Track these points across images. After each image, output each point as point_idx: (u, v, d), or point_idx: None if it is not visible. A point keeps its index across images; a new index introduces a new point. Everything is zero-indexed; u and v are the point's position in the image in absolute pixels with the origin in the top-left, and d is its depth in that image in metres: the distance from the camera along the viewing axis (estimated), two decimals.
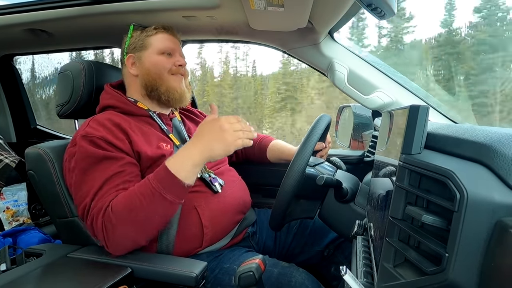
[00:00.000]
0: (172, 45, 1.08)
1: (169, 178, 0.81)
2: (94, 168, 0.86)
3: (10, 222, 1.52)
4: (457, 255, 0.35)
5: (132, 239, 0.84)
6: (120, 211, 0.80)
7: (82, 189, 0.86)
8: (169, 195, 0.81)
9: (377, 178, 0.70)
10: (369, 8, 0.82)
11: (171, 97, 1.05)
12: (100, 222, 0.81)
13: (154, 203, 0.80)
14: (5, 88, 1.86)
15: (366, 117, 1.40)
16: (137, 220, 0.80)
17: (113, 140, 0.89)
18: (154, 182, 0.81)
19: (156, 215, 0.82)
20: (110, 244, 0.82)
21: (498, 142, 0.38)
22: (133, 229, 0.81)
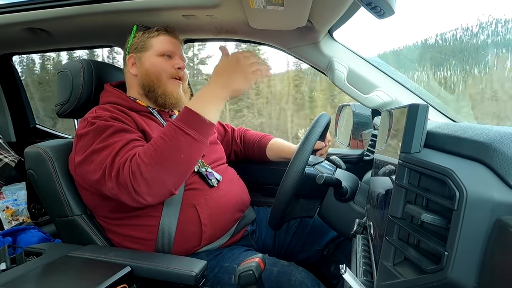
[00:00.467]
0: (173, 47, 1.08)
1: (188, 113, 0.84)
2: (113, 136, 0.87)
3: (9, 221, 1.52)
4: (456, 253, 0.35)
5: (160, 181, 0.81)
6: (145, 154, 0.81)
7: (102, 153, 0.85)
8: (190, 130, 0.82)
9: (376, 177, 0.70)
10: (368, 7, 0.82)
11: (167, 101, 1.05)
12: (127, 168, 0.80)
13: (177, 140, 0.82)
14: (4, 88, 1.86)
15: (366, 116, 1.40)
16: (163, 159, 0.80)
17: (123, 119, 0.93)
18: (175, 121, 0.84)
19: (181, 152, 0.82)
20: (139, 189, 0.80)
21: (498, 141, 0.38)
22: (160, 168, 0.80)
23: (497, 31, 4.32)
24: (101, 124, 0.89)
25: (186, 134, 0.82)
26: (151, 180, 0.80)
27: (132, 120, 0.96)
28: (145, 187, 0.80)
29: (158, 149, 0.81)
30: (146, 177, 0.80)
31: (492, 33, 4.70)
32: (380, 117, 1.07)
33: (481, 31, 5.09)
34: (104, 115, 0.92)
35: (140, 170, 0.79)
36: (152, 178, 0.80)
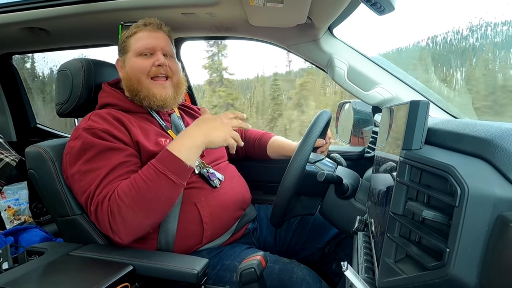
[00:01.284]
0: (151, 42, 1.01)
1: (170, 158, 0.84)
2: (99, 158, 0.86)
3: (11, 221, 1.52)
4: (458, 250, 0.35)
5: (137, 223, 0.83)
6: (125, 194, 0.80)
7: (86, 178, 0.86)
8: (173, 175, 0.82)
9: (377, 174, 0.70)
10: (368, 3, 0.81)
11: (152, 104, 1.01)
12: (106, 207, 0.81)
13: (158, 184, 0.82)
14: (4, 87, 1.86)
15: (366, 113, 1.40)
16: (143, 203, 0.81)
17: (115, 132, 0.91)
18: (158, 164, 0.83)
19: (161, 196, 0.82)
20: (116, 229, 0.82)
21: (499, 137, 0.38)
22: (139, 211, 0.81)
23: (486, 34, 4.41)
24: (88, 141, 0.87)
25: (169, 179, 0.82)
26: (130, 222, 0.82)
27: (125, 130, 0.93)
28: (123, 228, 0.82)
29: (139, 192, 0.81)
30: (126, 219, 0.81)
31: (481, 36, 4.78)
32: (380, 114, 1.06)
33: (470, 34, 5.18)
34: (95, 127, 0.90)
35: (119, 211, 0.80)
36: (132, 220, 0.82)
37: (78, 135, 0.90)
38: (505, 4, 10.22)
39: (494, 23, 9.61)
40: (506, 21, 9.22)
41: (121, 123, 0.94)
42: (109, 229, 0.83)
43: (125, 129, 0.94)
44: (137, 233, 0.85)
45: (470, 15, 9.30)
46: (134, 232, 0.84)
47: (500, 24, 9.95)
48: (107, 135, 0.89)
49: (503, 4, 10.95)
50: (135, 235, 0.85)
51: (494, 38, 10.40)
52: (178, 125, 1.10)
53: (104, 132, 0.89)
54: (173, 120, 1.10)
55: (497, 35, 10.42)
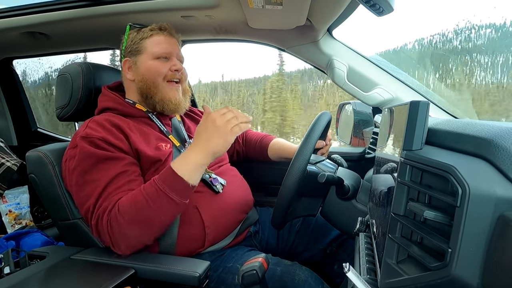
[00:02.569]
0: (169, 48, 1.04)
1: (174, 178, 0.83)
2: (97, 169, 0.86)
3: (12, 225, 1.52)
4: (460, 250, 0.35)
5: (138, 239, 0.84)
6: (126, 211, 0.81)
7: (85, 190, 0.86)
8: (175, 195, 0.82)
9: (378, 174, 0.70)
10: (367, 4, 0.82)
11: (165, 107, 1.03)
12: (106, 222, 0.81)
13: (160, 203, 0.81)
14: (5, 92, 1.86)
15: (367, 114, 1.40)
16: (143, 220, 0.81)
17: (113, 140, 0.90)
18: (160, 182, 0.82)
19: (162, 215, 0.83)
20: (116, 243, 0.83)
21: (499, 137, 0.38)
22: (139, 228, 0.82)
23: (470, 37, 4.50)
24: (85, 151, 0.87)
25: (170, 199, 0.82)
26: (130, 237, 0.83)
27: (124, 137, 0.92)
28: (124, 243, 0.83)
29: (140, 210, 0.81)
30: (126, 235, 0.82)
31: (465, 39, 4.88)
32: (381, 114, 1.06)
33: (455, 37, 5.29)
34: (92, 135, 0.89)
35: (119, 227, 0.81)
36: (131, 236, 0.83)
37: (75, 144, 0.90)
38: (491, 7, 10.46)
39: (479, 26, 9.74)
40: (491, 23, 9.37)
41: (120, 130, 0.93)
42: (109, 243, 0.84)
43: (124, 136, 0.93)
44: (138, 246, 0.86)
45: (458, 17, 9.47)
46: (134, 245, 0.85)
47: (484, 27, 10.11)
48: (105, 144, 0.89)
49: (489, 7, 11.17)
50: (135, 248, 0.86)
51: (477, 41, 10.57)
52: (179, 130, 1.10)
53: (101, 141, 0.89)
54: (173, 124, 1.10)
55: (480, 38, 10.57)
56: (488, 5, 13.67)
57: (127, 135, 0.93)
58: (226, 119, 0.86)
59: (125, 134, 0.93)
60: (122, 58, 1.07)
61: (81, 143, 0.89)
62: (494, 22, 9.99)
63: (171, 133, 1.06)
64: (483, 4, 18.49)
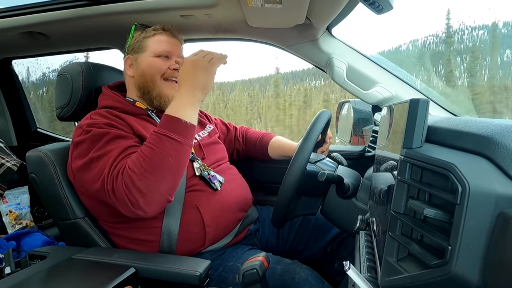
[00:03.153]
0: (170, 47, 1.06)
1: (170, 119, 0.86)
2: (110, 144, 0.87)
3: (13, 225, 1.52)
4: (460, 247, 0.35)
5: (154, 190, 0.82)
6: (135, 165, 0.81)
7: (99, 163, 0.86)
8: (175, 134, 0.84)
9: (378, 172, 0.70)
10: (366, 2, 0.82)
11: (162, 103, 1.04)
12: (120, 182, 0.81)
13: (163, 147, 0.82)
14: (4, 92, 1.86)
15: (366, 112, 1.40)
16: (153, 168, 0.81)
17: (118, 125, 0.92)
18: (158, 128, 0.85)
19: (169, 157, 0.83)
20: (136, 201, 0.80)
21: (499, 134, 0.38)
22: (151, 178, 0.81)
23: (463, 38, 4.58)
24: (97, 131, 0.89)
25: (171, 139, 0.83)
26: (145, 189, 0.81)
27: (127, 126, 0.95)
28: (141, 198, 0.81)
29: (146, 158, 0.81)
30: (140, 188, 0.80)
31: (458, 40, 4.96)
32: (380, 113, 1.06)
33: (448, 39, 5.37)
34: (99, 122, 0.91)
35: (132, 182, 0.80)
36: (146, 187, 0.81)
37: (84, 130, 0.91)
38: (486, 9, 10.69)
39: (472, 27, 9.89)
40: (484, 25, 9.50)
41: (121, 120, 0.96)
42: (129, 204, 0.81)
43: (126, 124, 0.95)
44: (157, 201, 0.83)
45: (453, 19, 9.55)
46: (153, 200, 0.82)
47: (477, 29, 10.26)
48: (111, 128, 0.91)
49: (484, 9, 11.38)
50: (155, 204, 0.83)
51: (469, 43, 10.68)
52: None
53: (108, 125, 0.91)
54: None
55: (471, 40, 10.69)
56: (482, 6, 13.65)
57: (129, 124, 0.96)
58: (201, 56, 0.91)
59: (127, 123, 0.96)
60: (124, 55, 1.09)
61: (89, 128, 0.90)
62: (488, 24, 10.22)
63: None
64: (477, 5, 18.40)
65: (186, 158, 0.87)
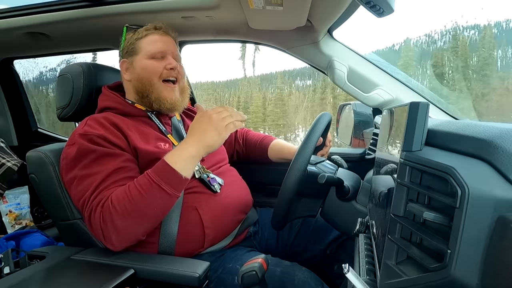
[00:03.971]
0: (163, 46, 1.04)
1: (167, 169, 0.83)
2: (96, 163, 0.86)
3: (12, 225, 1.52)
4: (459, 251, 0.35)
5: (130, 232, 0.83)
6: (118, 203, 0.80)
7: (82, 184, 0.86)
8: (167, 186, 0.82)
9: (378, 175, 0.70)
10: (367, 5, 0.82)
11: (162, 106, 1.03)
12: (99, 214, 0.81)
13: (152, 194, 0.81)
14: (5, 92, 1.87)
15: (367, 115, 1.40)
16: (136, 212, 0.81)
17: (111, 138, 0.90)
18: (152, 174, 0.83)
19: (154, 206, 0.82)
20: (108, 236, 0.82)
21: (499, 138, 0.38)
22: (131, 220, 0.81)
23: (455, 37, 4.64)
24: (83, 148, 0.88)
25: (162, 189, 0.82)
26: (122, 229, 0.82)
27: (122, 136, 0.93)
28: (115, 235, 0.82)
29: (132, 201, 0.81)
30: (117, 226, 0.81)
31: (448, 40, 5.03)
32: (381, 115, 1.07)
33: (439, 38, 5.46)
34: (91, 132, 0.90)
35: (111, 219, 0.80)
36: (123, 227, 0.82)
37: (74, 141, 0.90)
38: (479, 9, 10.92)
39: (463, 27, 10.12)
40: (476, 25, 9.66)
41: (117, 128, 0.94)
42: (101, 236, 0.83)
43: (122, 134, 0.93)
44: (130, 240, 0.85)
45: (446, 18, 9.66)
46: (126, 239, 0.84)
47: (468, 28, 10.41)
48: (103, 141, 0.89)
49: (476, 9, 11.59)
50: (127, 242, 0.85)
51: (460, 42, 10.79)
52: (178, 129, 1.10)
53: (100, 138, 0.89)
54: (173, 123, 1.10)
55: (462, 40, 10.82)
56: (475, 6, 13.66)
57: (125, 134, 0.93)
58: (221, 116, 0.88)
59: (123, 133, 0.93)
60: (120, 59, 1.08)
61: (80, 140, 0.89)
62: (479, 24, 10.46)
63: (170, 133, 1.06)
64: (470, 5, 18.32)
65: (169, 208, 0.88)
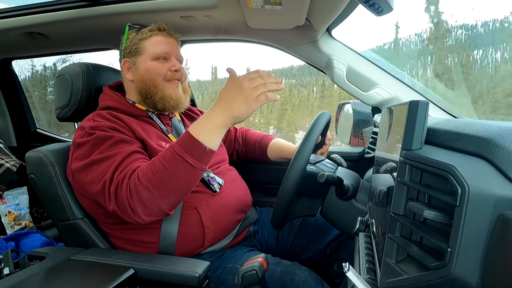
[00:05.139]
0: (168, 48, 1.04)
1: (189, 140, 0.82)
2: (114, 148, 0.87)
3: (12, 226, 1.52)
4: (459, 249, 0.35)
5: (155, 205, 0.82)
6: (143, 175, 0.80)
7: (102, 165, 0.85)
8: (190, 157, 0.81)
9: (378, 174, 0.70)
10: (366, 4, 0.82)
11: (166, 104, 1.03)
12: (126, 186, 0.80)
13: (176, 166, 0.80)
14: (4, 92, 1.86)
15: (366, 114, 1.40)
16: (161, 184, 0.80)
17: (121, 129, 0.92)
18: (176, 145, 0.82)
19: (178, 179, 0.81)
20: (135, 208, 0.80)
21: (499, 136, 0.38)
22: (156, 193, 0.80)
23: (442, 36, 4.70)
24: (101, 134, 0.88)
25: (186, 162, 0.81)
26: (148, 202, 0.81)
27: (129, 129, 0.94)
28: (141, 207, 0.81)
29: (156, 174, 0.80)
30: (143, 199, 0.80)
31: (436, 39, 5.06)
32: (380, 114, 1.06)
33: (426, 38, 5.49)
34: (102, 124, 0.91)
35: (137, 191, 0.80)
36: (149, 200, 0.81)
37: (86, 132, 0.90)
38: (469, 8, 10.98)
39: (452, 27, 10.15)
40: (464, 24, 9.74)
41: (123, 123, 0.95)
42: (129, 210, 0.81)
43: (128, 128, 0.95)
44: (156, 214, 0.83)
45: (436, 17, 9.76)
46: (153, 213, 0.82)
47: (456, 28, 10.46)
48: (115, 131, 0.90)
49: (467, 8, 11.61)
50: (154, 216, 0.83)
51: (447, 42, 10.85)
52: (179, 129, 1.10)
53: (111, 129, 0.91)
54: (174, 124, 1.10)
55: (449, 39, 10.88)
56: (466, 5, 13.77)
57: (131, 128, 0.95)
58: (254, 85, 0.81)
59: (129, 127, 0.95)
60: (121, 58, 1.08)
61: (95, 131, 0.89)
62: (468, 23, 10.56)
63: (171, 132, 1.06)
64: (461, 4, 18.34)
65: (196, 181, 0.86)
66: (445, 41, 10.41)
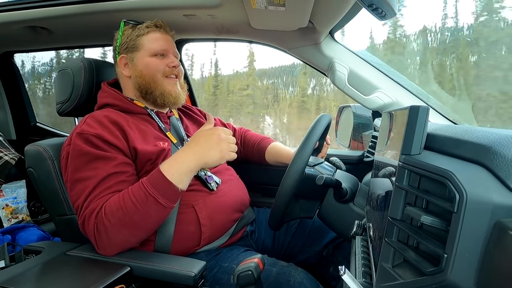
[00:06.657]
0: (165, 45, 1.05)
1: (163, 181, 0.82)
2: (88, 167, 0.85)
3: (9, 219, 1.52)
4: (456, 256, 0.35)
5: (124, 241, 0.83)
6: (112, 214, 0.80)
7: (76, 188, 0.85)
8: (162, 198, 0.81)
9: (376, 178, 0.70)
10: (370, 8, 0.82)
11: (166, 100, 1.04)
12: (92, 224, 0.80)
13: (147, 206, 0.80)
14: (5, 85, 1.86)
15: (366, 118, 1.40)
16: (130, 223, 0.80)
17: (109, 137, 0.89)
18: (148, 185, 0.81)
19: (149, 218, 0.82)
20: (102, 246, 0.82)
21: (498, 143, 0.38)
22: (126, 231, 0.81)
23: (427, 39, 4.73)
24: (78, 149, 0.87)
25: (158, 203, 0.81)
26: (116, 240, 0.82)
27: (122, 135, 0.92)
28: (108, 245, 0.82)
29: (127, 213, 0.80)
30: (111, 238, 0.81)
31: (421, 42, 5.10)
32: (380, 118, 1.07)
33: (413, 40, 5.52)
34: (88, 132, 0.88)
35: (105, 230, 0.80)
36: (117, 239, 0.82)
37: (70, 141, 0.90)
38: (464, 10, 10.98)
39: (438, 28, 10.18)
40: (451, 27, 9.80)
41: (117, 127, 0.92)
42: (95, 243, 0.83)
43: (122, 133, 0.92)
44: (123, 248, 0.85)
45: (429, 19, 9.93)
46: (119, 248, 0.84)
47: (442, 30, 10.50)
48: (99, 141, 0.88)
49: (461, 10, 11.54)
50: (120, 250, 0.85)
51: (432, 44, 10.87)
52: (177, 127, 1.10)
53: (96, 138, 0.88)
54: (172, 122, 1.10)
55: (435, 41, 10.90)
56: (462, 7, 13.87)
57: (125, 132, 0.92)
58: (229, 140, 0.90)
59: (123, 131, 0.92)
60: (116, 54, 1.07)
61: (76, 140, 0.88)
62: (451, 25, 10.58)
63: (169, 130, 1.06)
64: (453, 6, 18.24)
65: (164, 218, 0.87)
66: None
